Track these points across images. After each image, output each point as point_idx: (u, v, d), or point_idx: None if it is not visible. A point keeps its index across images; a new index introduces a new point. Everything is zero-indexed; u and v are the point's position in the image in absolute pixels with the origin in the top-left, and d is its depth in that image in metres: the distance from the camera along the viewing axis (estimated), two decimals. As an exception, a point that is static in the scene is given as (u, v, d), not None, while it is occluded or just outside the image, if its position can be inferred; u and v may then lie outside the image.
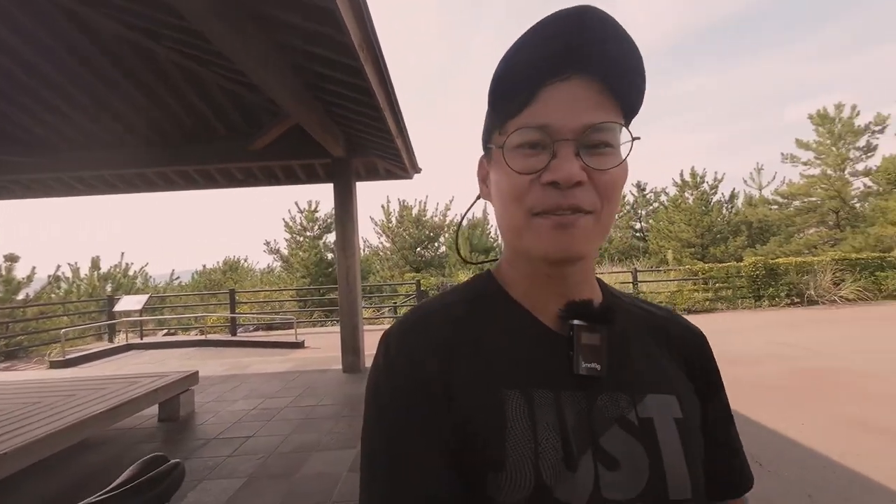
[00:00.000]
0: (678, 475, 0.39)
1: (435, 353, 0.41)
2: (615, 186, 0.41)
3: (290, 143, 5.28)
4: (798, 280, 10.95)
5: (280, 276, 19.77)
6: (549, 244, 0.40)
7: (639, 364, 0.45)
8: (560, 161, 0.38)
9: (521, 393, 0.39)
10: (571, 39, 0.38)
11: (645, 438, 0.40)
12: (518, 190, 0.41)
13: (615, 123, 0.40)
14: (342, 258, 5.47)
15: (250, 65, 2.88)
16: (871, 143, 17.01)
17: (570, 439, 0.38)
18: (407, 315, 0.46)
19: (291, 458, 2.97)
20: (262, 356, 7.10)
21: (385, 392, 0.41)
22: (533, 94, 0.40)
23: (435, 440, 0.38)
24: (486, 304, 0.46)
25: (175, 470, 0.90)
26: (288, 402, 4.32)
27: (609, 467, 0.38)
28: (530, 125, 0.39)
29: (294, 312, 11.87)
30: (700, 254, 17.12)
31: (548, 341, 0.43)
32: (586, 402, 0.40)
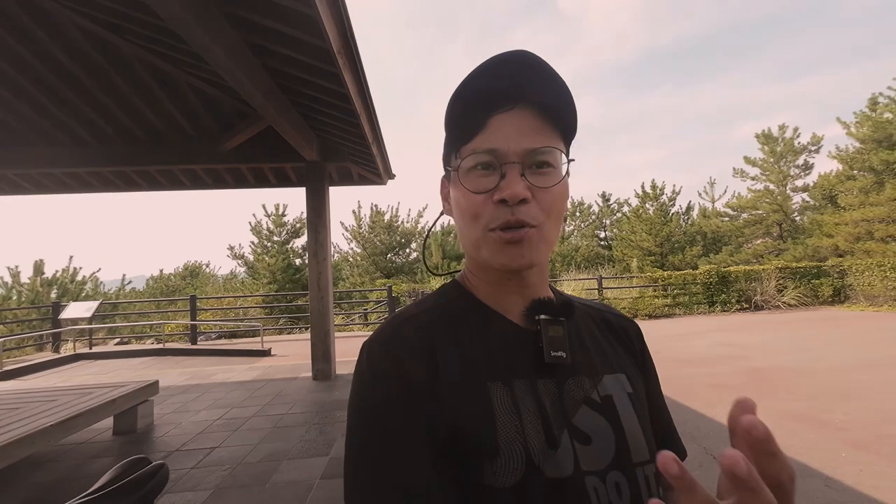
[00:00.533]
0: (637, 441, 0.46)
1: (420, 356, 0.44)
2: (555, 203, 0.46)
3: (261, 145, 5.18)
4: (747, 287, 11.75)
5: (245, 282, 19.04)
6: (504, 257, 0.45)
7: (592, 350, 0.51)
8: (507, 181, 0.44)
9: (503, 384, 0.43)
10: (514, 78, 0.45)
11: (607, 413, 0.46)
12: (474, 208, 0.46)
13: (553, 148, 0.46)
14: (314, 263, 5.38)
15: (225, 66, 2.83)
16: (808, 162, 18.59)
17: (550, 422, 0.42)
18: (387, 323, 0.49)
19: (261, 468, 2.89)
20: (227, 365, 6.83)
21: (374, 398, 0.42)
22: (483, 123, 0.46)
23: (428, 440, 0.40)
24: (459, 308, 0.50)
25: (159, 472, 0.89)
26: (255, 412, 4.19)
27: (583, 442, 0.43)
28: (481, 149, 0.45)
29: (260, 319, 11.47)
30: (659, 262, 18.01)
31: (517, 336, 0.48)
32: (556, 387, 0.45)
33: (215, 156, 5.10)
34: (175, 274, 21.54)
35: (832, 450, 2.88)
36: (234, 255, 18.21)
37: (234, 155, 5.11)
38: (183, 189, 6.27)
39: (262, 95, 3.34)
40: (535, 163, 0.45)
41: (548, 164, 0.46)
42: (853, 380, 4.49)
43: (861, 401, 3.83)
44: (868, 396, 3.94)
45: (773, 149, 18.90)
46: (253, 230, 18.15)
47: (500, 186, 0.44)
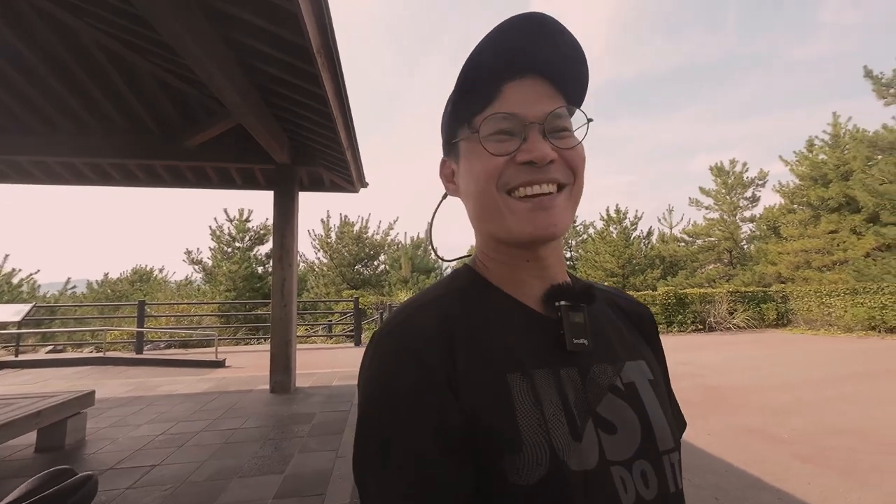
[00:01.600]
0: (662, 428, 0.44)
1: (436, 344, 0.41)
2: (581, 162, 0.45)
3: (228, 144, 4.97)
4: (701, 309, 12.37)
5: (201, 289, 18.02)
6: (532, 225, 0.43)
7: (612, 336, 0.49)
8: (532, 143, 0.42)
9: (522, 375, 0.41)
10: (526, 45, 0.43)
11: (632, 401, 0.44)
12: (495, 171, 0.43)
13: (573, 108, 0.46)
14: (278, 269, 5.16)
15: (196, 58, 2.70)
16: (756, 195, 20.12)
17: (573, 412, 0.40)
18: (398, 312, 0.45)
19: (206, 487, 2.65)
20: (175, 376, 6.35)
21: (392, 388, 0.39)
22: (497, 91, 0.44)
23: (449, 432, 0.37)
24: (473, 295, 0.47)
25: (85, 484, 0.78)
26: (204, 426, 3.89)
27: (608, 432, 0.41)
28: (500, 113, 0.43)
29: (216, 329, 10.83)
30: (621, 283, 18.69)
31: (537, 323, 0.45)
32: (579, 375, 0.43)
33: (177, 152, 4.84)
34: (123, 278, 20.09)
35: (782, 463, 3.01)
36: (191, 261, 17.25)
37: (198, 152, 4.86)
38: (139, 185, 5.88)
39: (234, 92, 3.20)
40: (554, 127, 0.44)
41: (566, 129, 0.45)
42: (798, 397, 4.76)
43: (805, 416, 4.06)
44: (811, 412, 4.18)
45: (724, 181, 20.34)
46: (213, 235, 17.33)
47: (524, 148, 0.42)
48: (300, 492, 2.56)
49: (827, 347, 8.55)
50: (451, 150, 0.50)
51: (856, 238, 14.22)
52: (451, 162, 0.52)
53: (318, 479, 2.71)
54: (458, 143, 0.48)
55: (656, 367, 0.51)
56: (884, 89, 12.99)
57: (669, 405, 0.51)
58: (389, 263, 20.65)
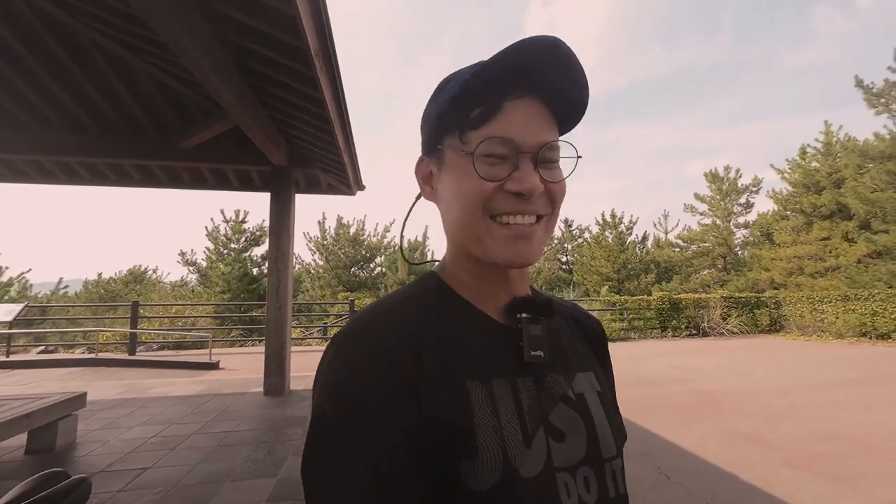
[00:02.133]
0: (606, 437, 0.47)
1: (402, 347, 0.41)
2: (562, 195, 0.47)
3: (224, 145, 4.96)
4: (695, 314, 12.45)
5: (195, 290, 17.89)
6: (510, 252, 0.44)
7: (566, 349, 0.51)
8: (523, 173, 0.43)
9: (482, 383, 0.42)
10: (540, 65, 0.43)
11: (581, 411, 0.46)
12: (482, 195, 0.43)
13: (565, 142, 0.46)
14: (273, 271, 5.15)
15: (193, 59, 2.70)
16: (749, 201, 20.31)
17: (526, 420, 0.42)
18: (363, 315, 0.45)
19: (198, 491, 2.63)
20: (168, 378, 6.30)
21: (358, 390, 0.38)
22: (497, 108, 0.44)
23: (412, 436, 0.37)
24: (438, 302, 0.47)
25: (79, 487, 0.77)
26: (197, 429, 3.86)
27: (558, 439, 0.43)
28: (496, 136, 0.43)
29: (210, 330, 10.75)
30: (616, 287, 18.76)
31: (498, 333, 0.47)
32: (534, 385, 0.45)
33: (173, 152, 4.82)
34: (117, 279, 19.93)
35: (772, 468, 3.03)
36: (186, 262, 17.15)
37: (194, 153, 4.85)
38: (134, 185, 5.85)
39: (230, 93, 3.21)
40: (545, 158, 0.45)
41: (555, 160, 0.46)
42: (790, 402, 4.79)
43: (797, 421, 4.09)
44: (803, 418, 4.22)
45: (719, 187, 20.52)
46: (209, 236, 17.24)
47: (515, 177, 0.43)
48: (293, 495, 2.54)
49: (819, 353, 8.62)
50: (434, 153, 0.50)
51: (848, 245, 14.39)
52: (430, 163, 0.51)
53: (312, 483, 2.70)
54: (443, 149, 0.48)
55: (603, 379, 0.54)
56: (874, 99, 13.20)
57: (615, 416, 0.53)
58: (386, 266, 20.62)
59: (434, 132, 0.49)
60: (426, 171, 0.52)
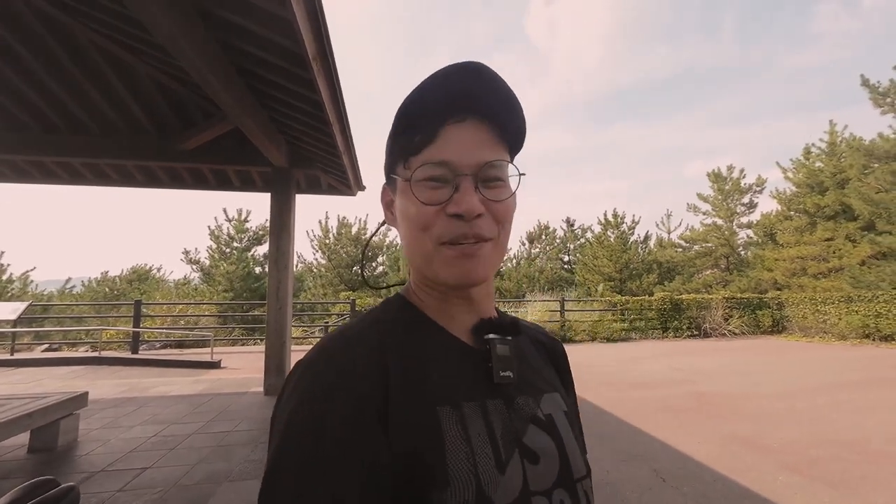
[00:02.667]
0: (576, 457, 0.46)
1: (367, 377, 0.40)
2: (508, 215, 0.46)
3: (225, 146, 4.99)
4: (697, 314, 12.40)
5: (198, 289, 17.99)
6: (456, 272, 0.44)
7: (532, 369, 0.51)
8: (462, 195, 0.43)
9: (452, 408, 0.41)
10: (468, 88, 0.44)
11: (551, 432, 0.46)
12: (425, 220, 0.44)
13: (505, 161, 0.47)
14: (274, 271, 5.17)
15: (191, 61, 2.72)
16: (753, 201, 20.18)
17: (499, 444, 0.41)
18: (325, 341, 0.44)
19: (197, 491, 2.66)
20: (170, 377, 6.35)
21: (318, 421, 0.37)
22: (434, 134, 0.44)
23: (375, 469, 0.36)
24: (405, 325, 0.47)
25: (68, 495, 0.79)
26: (196, 429, 3.89)
27: (532, 462, 0.42)
28: (433, 161, 0.44)
29: (212, 329, 10.81)
30: (618, 287, 18.72)
31: (466, 356, 0.46)
32: (505, 407, 0.44)
33: (174, 153, 4.85)
34: (120, 277, 20.05)
35: (769, 472, 3.03)
36: (190, 260, 17.24)
37: (195, 154, 4.88)
38: (136, 186, 5.89)
39: (229, 95, 3.22)
40: (487, 177, 0.45)
41: (499, 179, 0.46)
42: (788, 405, 4.78)
43: (796, 425, 4.07)
44: (802, 421, 4.20)
45: (721, 187, 20.40)
46: (212, 235, 17.32)
47: (455, 200, 0.43)
48: (290, 496, 2.56)
49: (821, 355, 8.58)
50: (390, 181, 0.51)
51: (851, 246, 14.29)
52: (389, 190, 0.52)
53: (309, 484, 2.72)
54: (395, 177, 0.49)
55: (568, 400, 0.54)
56: (880, 98, 13.09)
57: (580, 436, 0.54)
58: (388, 265, 20.65)
59: (388, 161, 0.51)
60: (388, 198, 0.53)
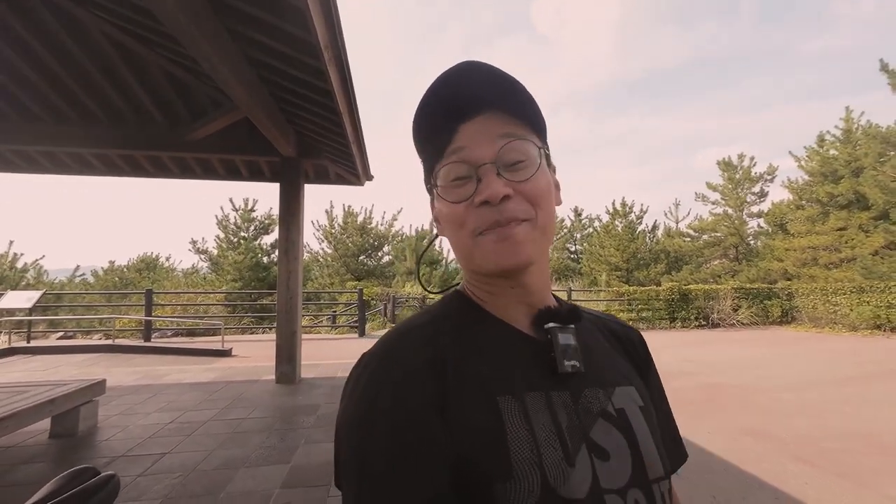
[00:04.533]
0: (652, 457, 0.44)
1: (429, 369, 0.41)
2: (540, 192, 0.45)
3: (234, 136, 4.98)
4: (705, 305, 12.33)
5: (207, 278, 18.19)
6: (495, 256, 0.44)
7: (602, 361, 0.49)
8: (485, 183, 0.43)
9: (514, 398, 0.40)
10: (466, 88, 0.45)
11: (623, 428, 0.44)
12: (458, 217, 0.45)
13: (521, 139, 0.45)
14: (284, 261, 5.20)
15: (202, 51, 2.70)
16: (763, 190, 19.87)
17: (566, 437, 0.40)
18: (391, 335, 0.45)
19: (215, 476, 2.72)
20: (183, 364, 6.46)
21: (382, 413, 0.38)
22: (450, 136, 0.46)
23: (436, 465, 0.37)
24: (464, 319, 0.47)
25: (108, 483, 0.81)
26: (212, 415, 3.97)
27: (602, 458, 0.41)
28: (452, 161, 0.45)
29: (221, 318, 10.96)
30: (625, 277, 18.65)
31: (527, 347, 0.45)
32: (572, 399, 0.43)
33: (183, 144, 4.85)
34: (129, 266, 20.31)
35: (780, 463, 3.03)
36: (197, 250, 17.40)
37: (205, 144, 4.88)
38: (146, 176, 5.92)
39: (238, 85, 3.20)
40: (508, 162, 0.45)
41: (520, 160, 0.45)
42: (799, 397, 4.76)
43: (807, 417, 4.07)
44: (813, 413, 4.19)
45: (731, 176, 20.08)
46: (219, 224, 17.44)
47: (479, 190, 0.44)
48: (306, 482, 2.62)
49: (831, 347, 8.52)
50: (430, 193, 0.52)
51: (864, 236, 14.05)
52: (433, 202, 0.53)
53: (324, 471, 2.78)
54: (431, 188, 0.50)
55: (646, 393, 0.51)
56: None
57: (668, 432, 0.51)
58: (394, 254, 20.70)
59: (424, 178, 0.52)
60: (435, 212, 0.53)
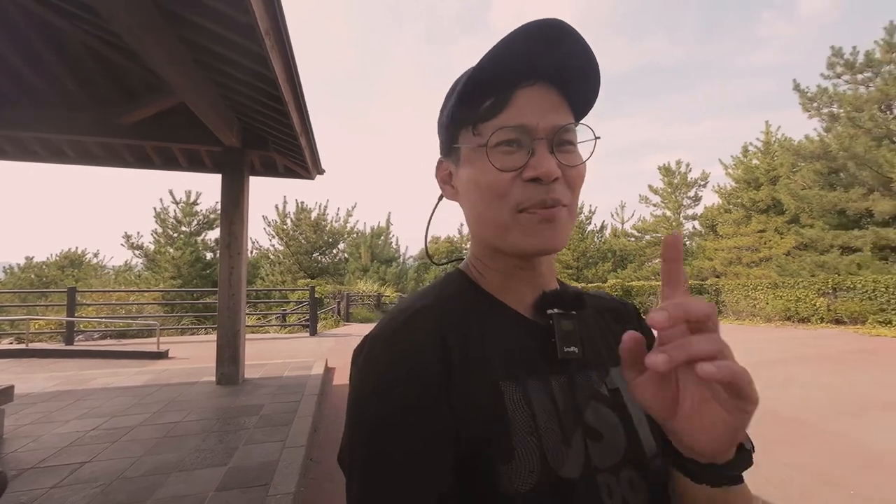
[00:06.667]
0: (647, 435, 0.44)
1: (433, 350, 0.40)
2: (580, 181, 0.45)
3: (172, 123, 4.67)
4: (646, 300, 13.24)
5: (142, 275, 16.86)
6: (538, 239, 0.42)
7: (599, 341, 0.49)
8: (539, 158, 0.41)
9: (516, 383, 0.41)
10: (542, 50, 0.42)
11: (617, 407, 0.44)
12: (501, 187, 0.42)
13: (582, 122, 0.45)
14: (226, 257, 4.95)
15: (132, 31, 2.51)
16: (698, 194, 21.65)
17: (563, 420, 0.41)
18: (391, 316, 0.44)
19: (143, 483, 2.55)
20: (112, 368, 5.96)
21: (388, 395, 0.38)
22: (507, 98, 0.43)
23: (445, 454, 0.37)
24: (466, 301, 0.46)
25: (-7, 480, 0.76)
26: (142, 420, 3.71)
27: (595, 439, 0.41)
28: (509, 125, 0.42)
29: (158, 318, 10.21)
30: (576, 275, 19.55)
31: (529, 331, 0.45)
32: (568, 382, 0.43)
33: (113, 129, 4.47)
34: (50, 262, 18.36)
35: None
36: (132, 245, 16.08)
37: (138, 130, 4.52)
38: (68, 162, 5.38)
39: (173, 68, 3.01)
40: (561, 141, 0.43)
41: (571, 143, 0.44)
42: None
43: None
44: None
45: (670, 181, 21.68)
46: (157, 218, 16.22)
47: (531, 164, 0.42)
48: (244, 483, 2.53)
49: (750, 337, 9.47)
50: (451, 152, 0.49)
51: (779, 237, 15.73)
52: (448, 164, 0.50)
53: (264, 470, 2.69)
54: (459, 147, 0.47)
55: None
56: (809, 103, 14.33)
57: None
58: (349, 252, 20.30)
59: (448, 132, 0.48)
60: (445, 172, 0.51)
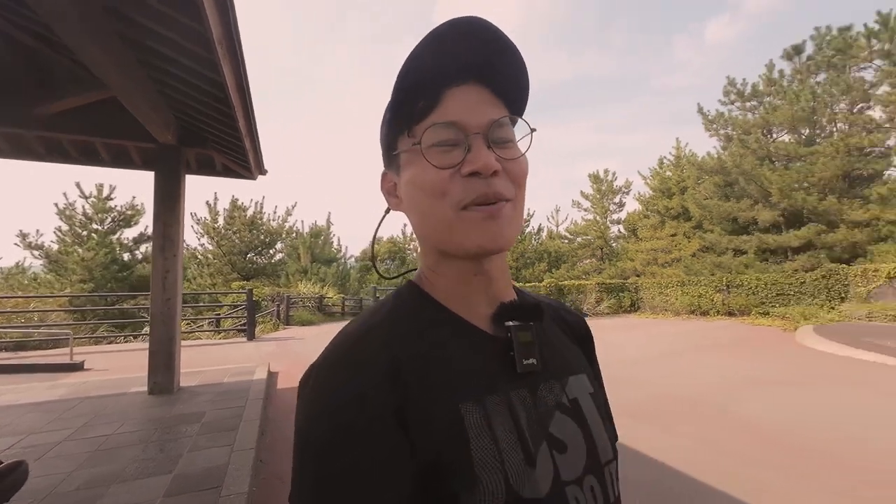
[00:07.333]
0: (602, 440, 0.45)
1: (384, 378, 0.38)
2: (523, 175, 0.44)
3: (96, 116, 4.34)
4: (576, 298, 14.38)
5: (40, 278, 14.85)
6: (482, 235, 0.41)
7: (556, 351, 0.48)
8: (476, 153, 0.40)
9: (475, 404, 0.39)
10: (467, 50, 0.42)
11: (577, 417, 0.44)
12: (441, 185, 0.41)
13: (515, 116, 0.45)
14: (160, 259, 4.70)
15: (66, 23, 2.41)
16: (622, 201, 23.83)
17: (526, 436, 0.39)
18: (338, 341, 0.42)
19: (79, 496, 2.45)
20: (13, 384, 5.32)
21: (331, 433, 0.35)
22: (437, 99, 0.42)
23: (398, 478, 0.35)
24: (420, 316, 0.44)
25: (16, 470, 0.86)
26: (66, 436, 3.45)
27: (560, 451, 0.41)
28: (441, 122, 0.41)
29: (68, 326, 9.14)
30: (515, 275, 20.60)
31: (485, 344, 0.44)
32: (530, 396, 0.42)
33: (22, 118, 4.06)
34: (-84, 264, 15.49)
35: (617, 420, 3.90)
36: (29, 245, 14.11)
37: (54, 122, 4.15)
38: (-40, 153, 4.76)
39: (109, 63, 2.88)
40: (497, 136, 0.43)
41: (509, 139, 0.44)
42: (632, 372, 6.04)
43: (636, 387, 5.20)
44: (641, 383, 5.37)
45: (599, 188, 23.62)
46: (62, 214, 14.40)
47: (469, 159, 0.41)
48: (194, 487, 2.54)
49: (662, 330, 10.73)
50: (392, 161, 0.48)
51: (687, 241, 17.90)
52: (392, 174, 0.49)
53: (213, 474, 2.70)
54: (398, 154, 0.46)
55: (594, 379, 0.52)
56: (710, 124, 16.49)
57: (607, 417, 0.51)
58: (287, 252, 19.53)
59: (387, 140, 0.48)
60: (390, 184, 0.50)
